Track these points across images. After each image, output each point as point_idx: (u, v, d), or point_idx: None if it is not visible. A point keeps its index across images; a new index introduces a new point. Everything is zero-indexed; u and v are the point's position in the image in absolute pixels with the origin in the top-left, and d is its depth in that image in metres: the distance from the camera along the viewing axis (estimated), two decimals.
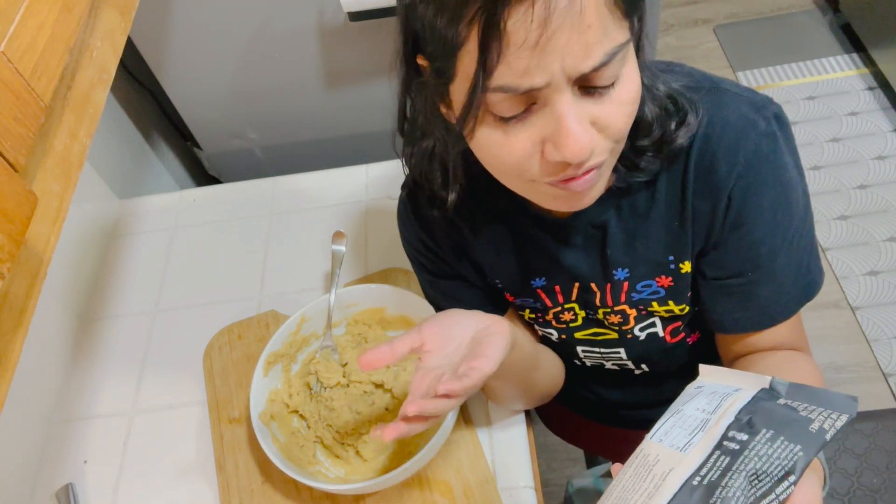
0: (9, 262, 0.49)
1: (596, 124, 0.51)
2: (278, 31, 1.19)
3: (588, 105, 0.50)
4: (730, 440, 0.48)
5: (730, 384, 0.53)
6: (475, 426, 0.87)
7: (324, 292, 1.02)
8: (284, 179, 1.21)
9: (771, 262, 0.63)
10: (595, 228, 0.67)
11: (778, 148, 0.60)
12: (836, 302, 1.82)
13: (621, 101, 0.51)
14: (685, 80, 0.61)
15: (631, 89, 0.51)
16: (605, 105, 0.50)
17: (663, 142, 0.59)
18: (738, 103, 0.60)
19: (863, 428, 1.09)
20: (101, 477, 0.92)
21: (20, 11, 0.53)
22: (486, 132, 0.52)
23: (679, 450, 0.49)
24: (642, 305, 0.71)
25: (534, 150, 0.51)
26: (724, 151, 0.59)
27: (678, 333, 0.75)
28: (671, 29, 2.53)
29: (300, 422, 0.88)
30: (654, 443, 0.52)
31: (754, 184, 0.60)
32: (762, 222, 0.61)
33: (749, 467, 0.46)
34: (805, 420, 0.47)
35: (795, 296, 0.66)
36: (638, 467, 0.51)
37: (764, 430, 0.47)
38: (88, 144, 0.67)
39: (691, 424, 0.51)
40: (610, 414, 0.97)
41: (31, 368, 0.95)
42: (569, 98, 0.48)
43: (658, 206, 0.64)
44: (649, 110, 0.58)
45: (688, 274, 0.67)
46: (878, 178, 2.02)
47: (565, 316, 0.75)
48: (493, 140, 0.52)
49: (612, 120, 0.51)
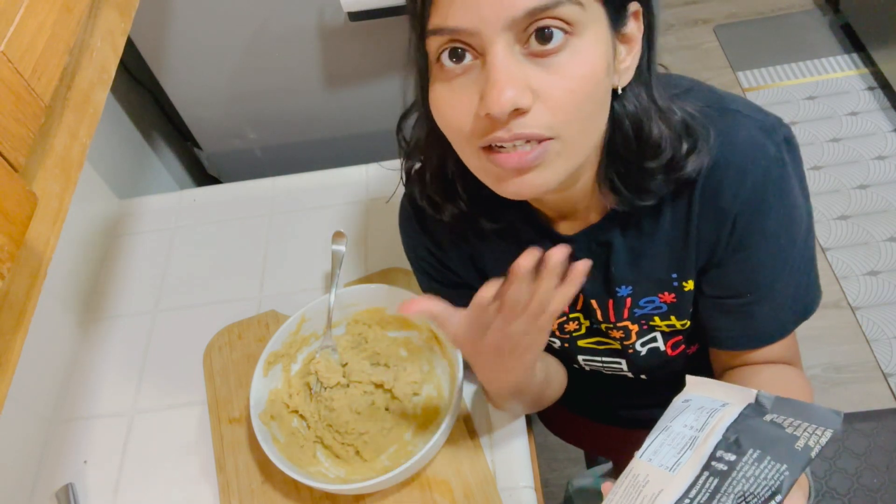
0: (9, 262, 0.49)
1: (535, 92, 0.49)
2: (278, 31, 1.19)
3: (528, 67, 0.49)
4: (717, 460, 0.48)
5: (716, 398, 0.53)
6: (475, 426, 0.87)
7: (324, 292, 1.02)
8: (284, 179, 1.21)
9: (771, 284, 0.63)
10: (599, 246, 0.66)
11: (786, 173, 0.59)
12: (836, 302, 1.82)
13: (565, 74, 0.49)
14: (698, 103, 0.60)
15: (579, 65, 0.49)
16: (547, 72, 0.49)
17: (673, 167, 0.58)
18: (748, 127, 0.59)
19: (863, 428, 1.09)
20: (101, 477, 0.92)
21: (20, 11, 0.53)
22: (438, 90, 0.53)
23: (668, 469, 0.49)
24: (644, 320, 0.71)
25: (472, 106, 0.51)
26: (733, 175, 0.58)
27: (679, 346, 0.75)
28: (671, 29, 2.53)
29: (300, 422, 0.88)
30: (643, 462, 0.52)
31: (760, 208, 0.59)
32: (765, 246, 0.61)
33: (737, 489, 0.46)
34: (790, 438, 0.47)
35: (792, 316, 0.66)
36: (628, 488, 0.51)
37: (751, 450, 0.47)
38: (88, 144, 0.67)
39: (679, 443, 0.51)
40: (609, 414, 0.97)
41: (31, 368, 0.95)
42: (501, 49, 0.48)
43: (663, 225, 0.63)
44: (657, 131, 0.57)
45: (690, 291, 0.67)
46: (878, 178, 2.01)
47: (569, 326, 0.75)
48: (441, 97, 0.53)
49: (552, 91, 0.49)
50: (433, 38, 0.51)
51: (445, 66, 0.51)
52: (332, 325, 0.91)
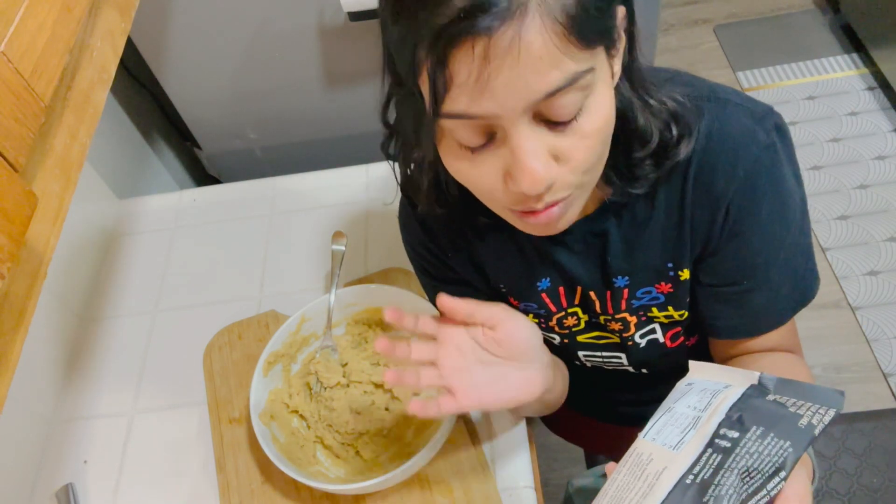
0: (9, 262, 0.49)
1: (558, 158, 0.50)
2: (278, 31, 1.19)
3: (549, 137, 0.49)
4: (721, 437, 0.48)
5: (719, 380, 0.54)
6: (475, 426, 0.87)
7: (324, 292, 1.02)
8: (284, 179, 1.21)
9: (766, 271, 0.64)
10: (595, 236, 0.67)
11: (777, 159, 0.59)
12: (836, 302, 1.82)
13: (584, 134, 0.50)
14: (686, 90, 0.60)
15: (595, 120, 0.50)
16: (567, 137, 0.50)
17: (663, 155, 0.59)
18: (739, 114, 0.59)
19: (863, 428, 1.09)
20: (101, 477, 0.92)
21: (20, 11, 0.53)
22: (454, 160, 0.53)
23: (672, 448, 0.50)
24: (642, 311, 0.71)
25: (498, 179, 0.52)
26: (724, 163, 0.59)
27: (678, 338, 0.75)
28: (671, 29, 2.53)
29: (300, 422, 0.88)
30: (647, 441, 0.52)
31: (752, 195, 0.60)
32: (759, 233, 0.62)
33: (741, 465, 0.46)
34: (794, 416, 0.47)
35: (790, 303, 0.66)
36: (632, 466, 0.51)
37: (754, 427, 0.48)
38: (88, 144, 0.67)
39: (683, 422, 0.51)
40: (609, 411, 0.97)
41: (31, 368, 0.95)
42: (524, 130, 0.48)
43: (657, 214, 0.64)
44: (644, 121, 0.57)
45: (687, 281, 0.67)
46: (878, 178, 2.01)
47: (568, 321, 0.75)
48: (462, 168, 0.53)
49: (574, 153, 0.50)
50: (447, 121, 0.49)
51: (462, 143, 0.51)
52: (332, 325, 0.91)
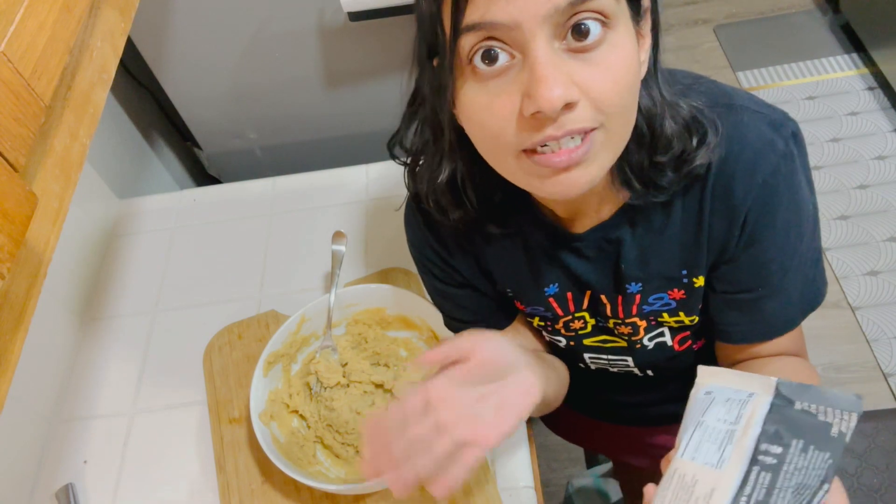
0: (9, 262, 0.49)
1: (579, 85, 0.49)
2: (278, 31, 1.19)
3: (570, 63, 0.48)
4: (764, 454, 0.47)
5: (739, 387, 0.53)
6: None
7: (324, 292, 1.02)
8: (284, 179, 1.21)
9: (781, 278, 0.64)
10: (609, 243, 0.66)
11: (794, 168, 0.59)
12: (836, 302, 1.82)
13: (608, 66, 0.49)
14: (705, 97, 0.60)
15: (620, 56, 0.49)
16: (589, 66, 0.48)
17: (683, 160, 0.58)
18: (757, 122, 0.59)
19: (863, 428, 1.09)
20: (101, 477, 0.92)
21: (20, 11, 0.53)
22: (470, 94, 0.51)
23: (714, 467, 0.49)
24: (653, 316, 0.71)
25: (514, 111, 0.50)
26: (743, 171, 0.59)
27: (686, 342, 0.75)
28: (671, 29, 2.53)
29: (300, 422, 0.88)
30: (686, 461, 0.51)
31: (770, 204, 0.60)
32: (775, 241, 0.62)
33: (793, 482, 0.46)
34: (825, 425, 0.47)
35: (800, 308, 0.67)
36: (676, 490, 0.50)
37: (794, 440, 0.47)
38: (88, 144, 0.67)
39: (717, 437, 0.50)
40: (612, 412, 0.97)
41: (31, 368, 0.95)
42: (543, 43, 0.47)
43: (674, 222, 0.63)
44: (668, 126, 0.57)
45: (701, 288, 0.67)
46: (878, 178, 2.02)
47: (575, 325, 0.75)
48: (476, 101, 0.51)
49: (596, 84, 0.49)
50: (467, 36, 0.48)
51: (478, 69, 0.50)
52: (332, 325, 0.91)
